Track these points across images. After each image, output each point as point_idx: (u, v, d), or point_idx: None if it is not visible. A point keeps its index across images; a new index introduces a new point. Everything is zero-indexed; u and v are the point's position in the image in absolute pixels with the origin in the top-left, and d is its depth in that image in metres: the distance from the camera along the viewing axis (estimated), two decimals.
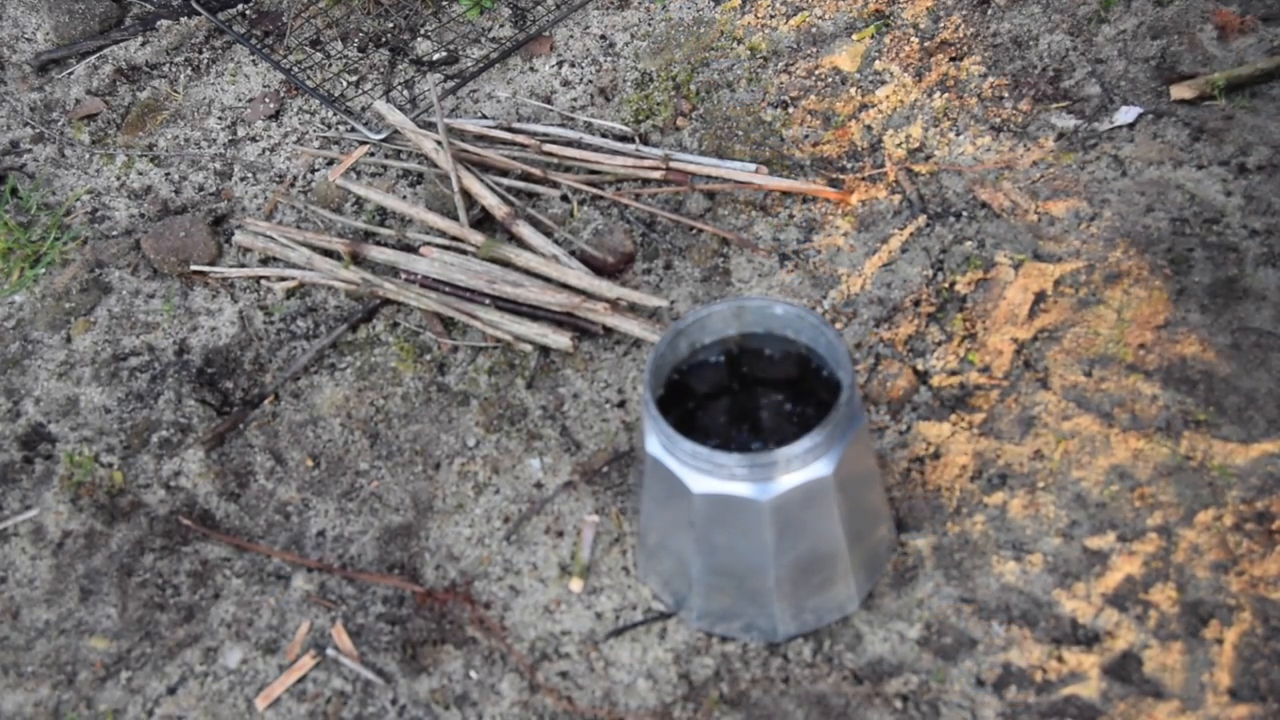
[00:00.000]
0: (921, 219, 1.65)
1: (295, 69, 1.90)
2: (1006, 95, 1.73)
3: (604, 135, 1.78)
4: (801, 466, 1.23)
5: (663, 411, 1.26)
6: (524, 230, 1.69)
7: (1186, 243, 1.58)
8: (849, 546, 1.30)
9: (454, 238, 1.71)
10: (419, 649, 1.43)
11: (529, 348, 1.61)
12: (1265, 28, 1.73)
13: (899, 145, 1.70)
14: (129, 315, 1.73)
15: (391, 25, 1.94)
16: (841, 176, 1.69)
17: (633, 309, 1.63)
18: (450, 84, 1.87)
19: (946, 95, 1.74)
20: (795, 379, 1.33)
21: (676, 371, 1.33)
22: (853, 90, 1.77)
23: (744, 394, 1.35)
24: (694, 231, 1.69)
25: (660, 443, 1.26)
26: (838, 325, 1.58)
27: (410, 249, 1.71)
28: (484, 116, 1.84)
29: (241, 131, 1.88)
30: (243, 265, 1.75)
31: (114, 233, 1.80)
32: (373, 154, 1.82)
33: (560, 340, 1.59)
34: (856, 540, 1.31)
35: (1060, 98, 1.72)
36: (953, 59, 1.77)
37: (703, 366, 1.34)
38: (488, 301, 1.64)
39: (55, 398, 1.67)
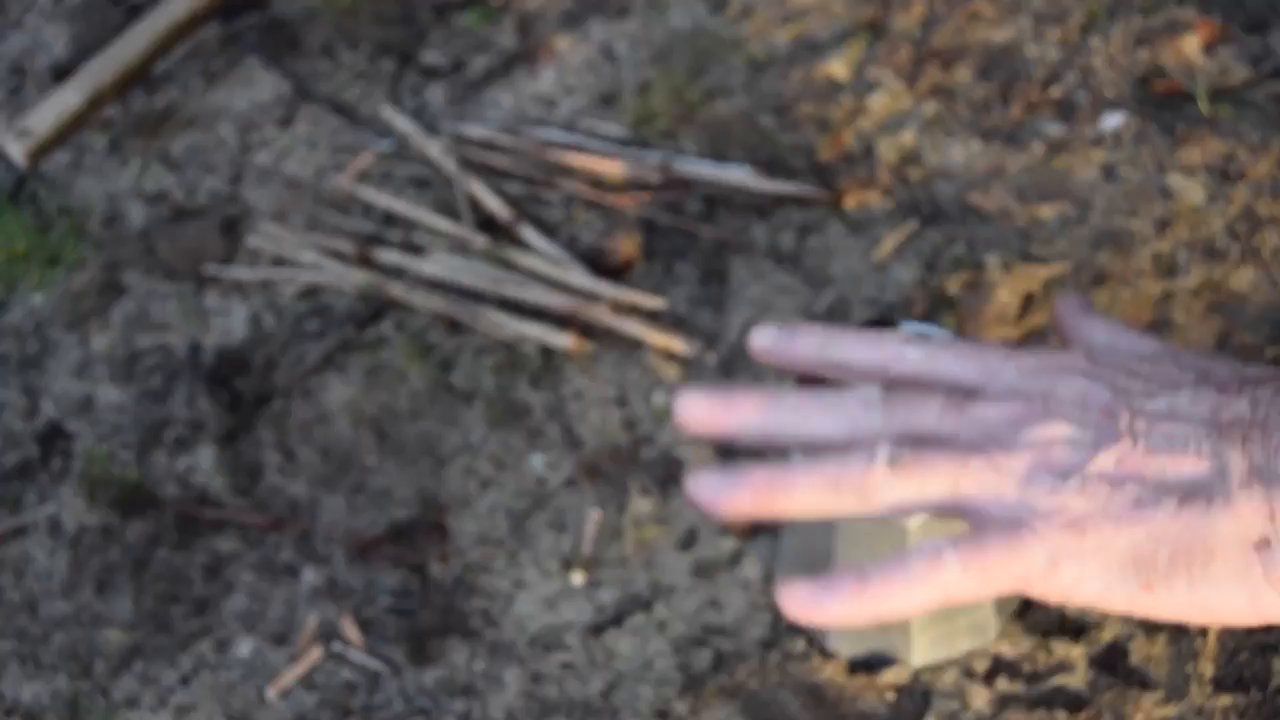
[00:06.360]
0: (913, 223, 1.66)
1: (305, 77, 1.92)
2: (996, 102, 1.74)
3: (605, 140, 1.80)
4: None
5: None
6: (527, 233, 1.71)
7: (1170, 245, 1.59)
8: None
9: (459, 240, 1.72)
10: (426, 640, 1.44)
11: (532, 348, 1.63)
12: (1247, 37, 1.74)
13: (891, 151, 1.72)
14: (144, 316, 1.74)
15: (399, 34, 1.97)
16: (835, 181, 1.71)
17: (633, 310, 1.65)
18: (456, 91, 1.89)
19: (938, 102, 1.75)
20: None
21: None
22: (846, 98, 1.78)
23: None
24: (692, 235, 1.71)
25: None
26: None
27: (417, 251, 1.73)
28: (488, 122, 1.85)
29: (253, 137, 1.89)
30: (254, 267, 1.76)
31: (129, 236, 1.81)
32: (380, 159, 1.83)
33: (562, 340, 1.61)
34: None
35: (1049, 105, 1.73)
36: (944, 67, 1.78)
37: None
38: (492, 302, 1.66)
39: (72, 396, 1.68)
